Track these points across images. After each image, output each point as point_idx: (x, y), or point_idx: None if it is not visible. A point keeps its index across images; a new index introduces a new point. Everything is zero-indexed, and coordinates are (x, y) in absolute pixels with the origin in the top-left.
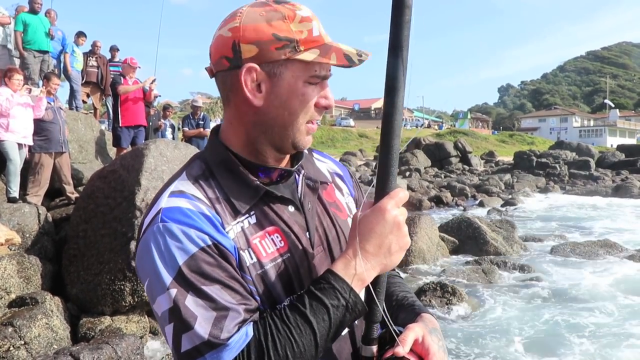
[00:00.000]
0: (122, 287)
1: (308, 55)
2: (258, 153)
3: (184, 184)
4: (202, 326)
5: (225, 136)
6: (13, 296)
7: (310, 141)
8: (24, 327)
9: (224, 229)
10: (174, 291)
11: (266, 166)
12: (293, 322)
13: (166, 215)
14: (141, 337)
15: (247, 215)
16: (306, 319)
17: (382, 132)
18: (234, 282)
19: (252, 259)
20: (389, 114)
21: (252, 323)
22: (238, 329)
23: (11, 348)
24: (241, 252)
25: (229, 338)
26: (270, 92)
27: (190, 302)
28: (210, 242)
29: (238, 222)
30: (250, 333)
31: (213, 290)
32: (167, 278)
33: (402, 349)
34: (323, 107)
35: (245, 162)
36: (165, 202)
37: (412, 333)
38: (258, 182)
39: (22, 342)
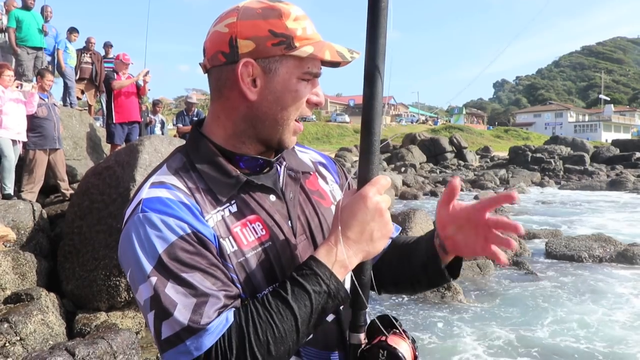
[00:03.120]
0: (118, 283)
1: (303, 52)
2: (242, 145)
3: (164, 175)
4: (182, 313)
5: (209, 129)
6: (8, 292)
7: (295, 141)
8: (20, 323)
9: (204, 217)
10: (154, 279)
11: (247, 155)
12: (274, 307)
13: (146, 205)
14: (137, 333)
15: (227, 204)
16: (288, 304)
17: (363, 121)
18: (214, 269)
19: (232, 247)
20: (369, 102)
21: (233, 309)
22: (218, 315)
23: (7, 344)
24: (221, 240)
25: (208, 323)
26: (264, 87)
27: (170, 290)
28: (189, 231)
29: (218, 211)
30: (231, 318)
31: (193, 277)
32: (148, 267)
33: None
34: (314, 103)
35: (226, 153)
36: (145, 192)
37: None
38: (238, 172)
39: (18, 338)
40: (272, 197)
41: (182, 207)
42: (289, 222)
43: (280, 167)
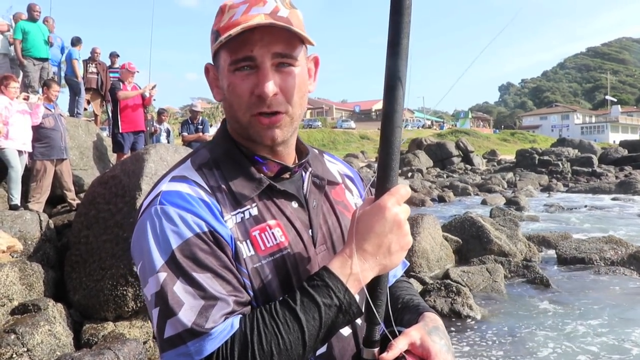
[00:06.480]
0: (125, 292)
1: (220, 41)
2: (253, 145)
3: (187, 170)
4: (187, 314)
5: (229, 127)
6: (15, 303)
7: (275, 136)
8: (27, 334)
9: (223, 217)
10: (164, 275)
11: (267, 158)
12: (281, 317)
13: (165, 198)
14: (144, 342)
15: (248, 206)
16: (295, 315)
17: (382, 128)
18: (226, 272)
19: (249, 251)
20: (389, 109)
21: (240, 316)
22: (224, 320)
23: (14, 355)
24: (238, 243)
25: (213, 328)
26: (220, 86)
27: (179, 288)
28: (206, 229)
29: (238, 213)
30: (236, 325)
31: (204, 278)
32: (159, 261)
33: (387, 355)
34: (255, 95)
35: (248, 153)
36: (166, 185)
37: (405, 338)
38: (262, 175)
39: (25, 349)
40: (294, 204)
41: (202, 204)
42: (310, 230)
43: (305, 173)
